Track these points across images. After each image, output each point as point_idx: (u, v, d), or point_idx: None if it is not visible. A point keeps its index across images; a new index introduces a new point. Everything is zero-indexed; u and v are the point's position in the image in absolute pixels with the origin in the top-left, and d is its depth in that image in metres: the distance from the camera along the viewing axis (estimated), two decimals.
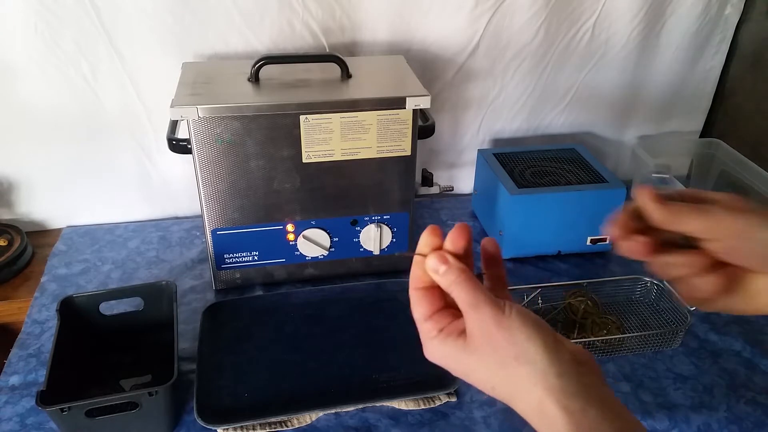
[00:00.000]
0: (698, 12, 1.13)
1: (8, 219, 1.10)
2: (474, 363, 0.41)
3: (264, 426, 0.73)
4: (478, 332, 0.40)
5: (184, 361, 0.81)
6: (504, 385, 0.40)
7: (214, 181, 0.85)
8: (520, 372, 0.39)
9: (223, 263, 0.93)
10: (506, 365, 0.39)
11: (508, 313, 0.40)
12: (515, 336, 0.39)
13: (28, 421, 0.75)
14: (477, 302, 0.40)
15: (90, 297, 0.81)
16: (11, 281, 1.00)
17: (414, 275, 0.45)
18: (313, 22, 1.01)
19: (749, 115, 1.21)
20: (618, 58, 1.15)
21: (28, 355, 0.84)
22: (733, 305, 0.45)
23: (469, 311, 0.41)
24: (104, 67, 0.98)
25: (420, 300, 0.44)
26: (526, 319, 0.40)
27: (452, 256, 0.43)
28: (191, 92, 0.83)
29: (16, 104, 0.99)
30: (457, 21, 1.06)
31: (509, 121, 1.21)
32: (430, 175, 0.98)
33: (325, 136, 0.84)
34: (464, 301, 0.41)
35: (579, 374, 0.39)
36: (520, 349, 0.39)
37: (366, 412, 0.77)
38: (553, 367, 0.38)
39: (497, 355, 0.40)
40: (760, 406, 0.78)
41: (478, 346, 0.40)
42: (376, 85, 0.92)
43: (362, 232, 0.94)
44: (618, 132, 1.27)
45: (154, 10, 0.95)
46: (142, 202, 1.14)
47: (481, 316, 0.40)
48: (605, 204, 1.00)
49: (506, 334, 0.39)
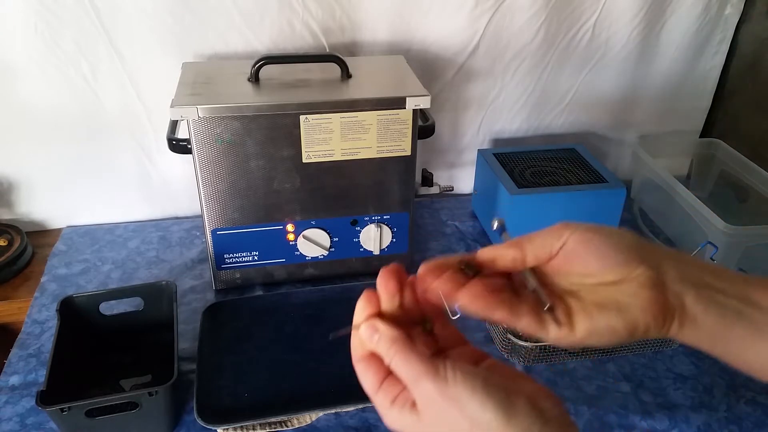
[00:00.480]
0: (698, 12, 1.13)
1: (8, 219, 1.10)
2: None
3: (264, 426, 0.73)
4: (426, 406, 0.37)
5: (184, 361, 0.81)
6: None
7: (214, 181, 0.85)
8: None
9: (223, 263, 0.93)
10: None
11: (453, 381, 0.36)
12: (465, 406, 0.36)
13: (28, 421, 0.75)
14: (416, 376, 0.37)
15: (90, 297, 0.81)
16: (11, 281, 1.00)
17: (354, 346, 0.43)
18: (313, 22, 1.01)
19: (749, 115, 1.21)
20: (618, 58, 1.15)
21: (28, 355, 0.84)
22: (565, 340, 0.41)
23: (411, 386, 0.38)
24: (104, 67, 0.98)
25: (365, 371, 0.41)
26: (473, 383, 0.36)
27: (385, 321, 0.40)
28: (191, 92, 0.83)
29: (16, 104, 0.99)
30: (457, 21, 1.06)
31: (509, 121, 1.21)
32: (430, 175, 0.98)
33: (325, 136, 0.84)
34: (403, 374, 0.38)
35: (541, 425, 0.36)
36: (472, 419, 0.36)
37: (366, 412, 0.77)
38: (509, 422, 0.35)
39: (449, 425, 0.37)
40: (760, 406, 0.78)
41: (430, 420, 0.37)
42: (376, 85, 0.92)
43: (362, 232, 0.94)
44: (618, 132, 1.27)
45: (154, 10, 0.95)
46: (142, 202, 1.14)
47: (424, 390, 0.37)
48: (605, 204, 1.01)
49: (455, 405, 0.36)
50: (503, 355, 0.84)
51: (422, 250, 1.07)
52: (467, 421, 0.36)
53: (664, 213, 1.12)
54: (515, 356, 0.83)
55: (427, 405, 0.37)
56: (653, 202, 1.16)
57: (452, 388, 0.36)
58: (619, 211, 1.02)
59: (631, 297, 0.39)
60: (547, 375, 0.82)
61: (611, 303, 0.40)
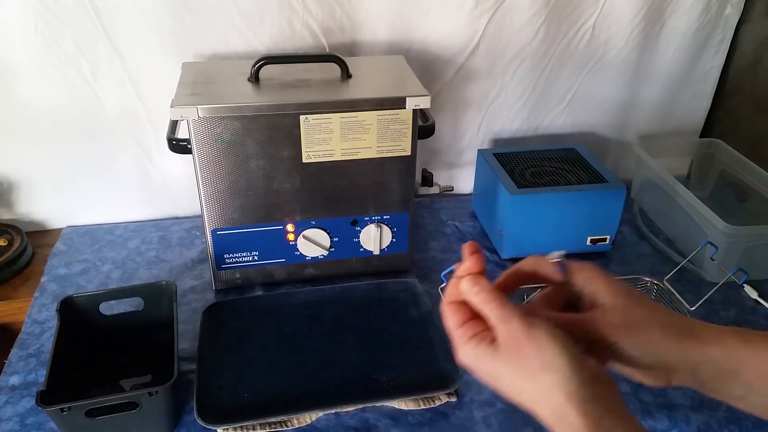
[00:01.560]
0: (698, 12, 1.13)
1: (8, 219, 1.10)
2: (502, 369, 0.44)
3: (264, 426, 0.73)
4: (508, 342, 0.43)
5: (184, 361, 0.81)
6: (529, 392, 0.43)
7: (214, 181, 0.85)
8: (545, 379, 0.41)
9: (223, 263, 0.93)
10: (533, 373, 0.42)
11: (538, 327, 0.42)
12: (543, 348, 0.42)
13: (28, 421, 0.74)
14: (508, 317, 0.43)
15: (90, 297, 0.81)
16: (11, 281, 1.00)
17: (449, 292, 0.49)
18: (313, 22, 1.01)
19: (749, 115, 1.21)
20: (618, 58, 1.15)
21: (28, 355, 0.84)
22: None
23: (500, 325, 0.44)
24: (104, 67, 0.98)
25: (454, 312, 0.47)
26: (554, 333, 0.42)
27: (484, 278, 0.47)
28: (191, 92, 0.83)
29: (16, 104, 0.99)
30: (457, 21, 1.06)
31: (509, 121, 1.21)
32: (430, 175, 0.98)
33: (325, 136, 0.84)
34: (496, 316, 0.44)
35: (598, 387, 0.41)
36: (547, 359, 0.41)
37: (366, 412, 0.77)
38: (575, 376, 0.41)
39: (525, 363, 0.42)
40: None
41: (508, 354, 0.43)
42: (376, 85, 0.92)
43: (362, 232, 0.94)
44: (618, 132, 1.26)
45: (154, 10, 0.95)
46: (142, 202, 1.14)
47: (512, 328, 0.43)
48: (605, 204, 1.01)
49: (535, 345, 0.42)
50: None
51: (422, 250, 1.07)
52: (539, 360, 0.42)
53: (664, 213, 1.12)
54: None
55: (509, 341, 0.43)
56: (653, 202, 1.16)
57: (537, 331, 0.42)
58: (619, 211, 1.02)
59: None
60: None
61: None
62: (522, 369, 0.42)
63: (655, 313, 0.47)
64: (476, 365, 0.45)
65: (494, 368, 0.44)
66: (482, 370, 0.45)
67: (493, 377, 0.45)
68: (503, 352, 0.43)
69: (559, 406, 0.41)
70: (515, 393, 0.44)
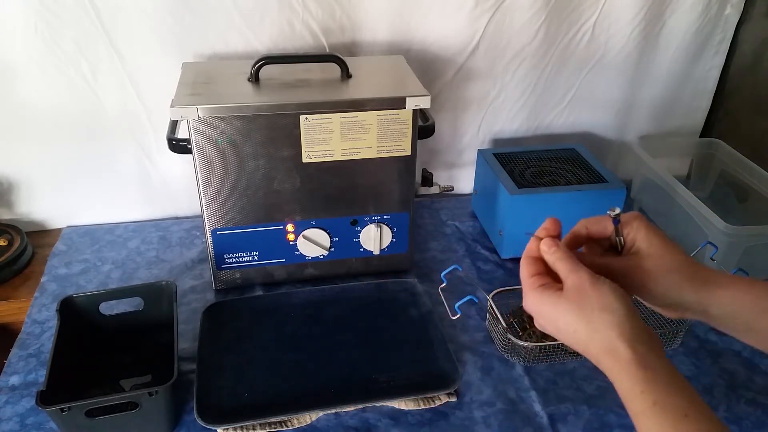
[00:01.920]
0: (698, 12, 1.13)
1: (8, 219, 1.10)
2: (563, 309, 0.51)
3: (264, 426, 0.73)
4: (574, 287, 0.51)
5: (184, 361, 0.81)
6: (584, 330, 0.49)
7: (214, 181, 0.85)
8: (602, 318, 0.48)
9: (223, 263, 0.93)
10: (591, 312, 0.49)
11: (603, 280, 0.50)
12: (604, 294, 0.49)
13: (28, 421, 0.74)
14: (577, 269, 0.51)
15: (90, 297, 0.81)
16: (11, 281, 1.00)
17: (529, 248, 0.56)
18: (313, 22, 1.01)
19: (749, 115, 1.21)
20: (618, 58, 1.15)
21: (28, 355, 0.84)
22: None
23: (570, 275, 0.51)
24: (104, 67, 0.98)
25: (529, 264, 0.55)
26: (615, 287, 0.50)
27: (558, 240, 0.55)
28: (191, 92, 0.83)
29: (16, 104, 0.99)
30: (457, 21, 1.06)
31: (509, 121, 1.21)
32: (430, 175, 0.98)
33: (325, 136, 0.84)
34: (566, 268, 0.52)
35: (645, 333, 0.48)
36: (606, 301, 0.49)
37: (366, 412, 0.77)
38: (629, 319, 0.48)
39: (585, 304, 0.49)
40: (760, 406, 0.78)
41: (571, 297, 0.50)
42: (376, 85, 0.92)
43: (362, 232, 0.94)
44: (618, 132, 1.27)
45: (154, 10, 0.95)
46: (142, 202, 1.14)
47: (580, 277, 0.51)
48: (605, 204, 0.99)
49: (598, 291, 0.49)
50: (503, 355, 0.84)
51: (422, 250, 1.07)
52: (600, 302, 0.49)
53: (664, 213, 1.12)
54: (515, 356, 0.83)
55: (576, 286, 0.50)
56: (653, 202, 1.16)
57: (601, 282, 0.50)
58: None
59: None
60: (547, 375, 0.83)
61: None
62: (582, 309, 0.49)
63: (681, 263, 0.55)
64: (539, 308, 0.53)
65: (556, 310, 0.51)
66: (544, 311, 0.52)
67: (552, 318, 0.52)
68: (568, 296, 0.51)
69: (612, 341, 0.48)
70: (571, 331, 0.50)
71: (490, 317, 0.86)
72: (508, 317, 0.87)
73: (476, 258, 1.06)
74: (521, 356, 0.83)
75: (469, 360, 0.85)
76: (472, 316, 0.92)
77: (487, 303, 0.86)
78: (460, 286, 0.90)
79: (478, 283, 0.95)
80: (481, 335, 0.89)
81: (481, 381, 0.81)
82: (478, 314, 0.92)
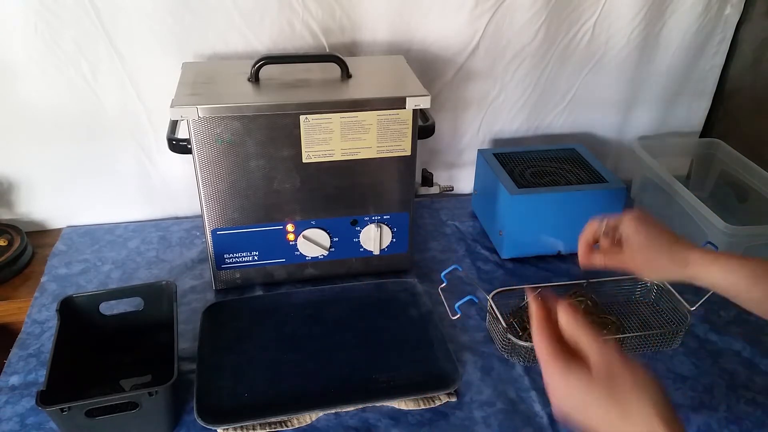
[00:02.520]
0: (698, 12, 1.13)
1: (8, 219, 1.10)
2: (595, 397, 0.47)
3: (264, 426, 0.73)
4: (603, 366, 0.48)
5: (184, 361, 0.81)
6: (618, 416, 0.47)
7: (214, 181, 0.85)
8: (639, 397, 0.46)
9: (223, 263, 0.93)
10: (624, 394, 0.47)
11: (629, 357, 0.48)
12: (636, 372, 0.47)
13: (28, 421, 0.75)
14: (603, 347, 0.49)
15: (90, 297, 0.81)
16: (11, 281, 1.00)
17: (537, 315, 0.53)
18: (313, 22, 1.01)
19: (749, 115, 1.21)
20: (618, 58, 1.15)
21: (28, 355, 0.84)
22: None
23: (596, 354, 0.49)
24: (104, 67, 0.98)
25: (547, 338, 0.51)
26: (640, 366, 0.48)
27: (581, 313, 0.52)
28: (191, 92, 0.83)
29: (16, 104, 0.99)
30: (457, 21, 1.06)
31: (509, 121, 1.21)
32: (430, 175, 0.98)
33: (325, 136, 0.84)
34: (590, 347, 0.49)
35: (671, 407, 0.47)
36: (638, 378, 0.47)
37: (366, 412, 0.77)
38: (661, 395, 0.47)
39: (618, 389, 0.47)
40: (760, 406, 0.78)
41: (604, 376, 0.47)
42: (376, 85, 0.92)
43: (362, 232, 0.94)
44: (618, 132, 1.27)
45: (154, 10, 0.95)
46: (142, 202, 1.14)
47: (609, 355, 0.48)
48: (605, 204, 1.00)
49: (628, 369, 0.47)
50: (503, 355, 0.84)
51: (422, 250, 1.07)
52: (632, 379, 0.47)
53: (664, 213, 1.11)
54: (515, 356, 0.83)
55: (605, 365, 0.48)
56: (653, 202, 1.15)
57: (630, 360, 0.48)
58: (619, 211, 1.00)
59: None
60: None
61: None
62: (614, 391, 0.47)
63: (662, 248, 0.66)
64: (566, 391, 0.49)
65: (586, 397, 0.48)
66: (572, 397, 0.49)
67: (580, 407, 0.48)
68: (601, 374, 0.48)
69: (650, 425, 0.45)
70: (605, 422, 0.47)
71: (490, 317, 0.87)
72: (508, 317, 0.87)
73: (476, 258, 1.06)
74: (521, 356, 0.83)
75: (469, 360, 0.85)
76: (472, 316, 0.92)
77: (487, 303, 0.86)
78: (460, 286, 0.90)
79: (478, 283, 0.95)
80: (481, 335, 0.89)
81: (481, 381, 0.81)
82: (478, 314, 0.92)
